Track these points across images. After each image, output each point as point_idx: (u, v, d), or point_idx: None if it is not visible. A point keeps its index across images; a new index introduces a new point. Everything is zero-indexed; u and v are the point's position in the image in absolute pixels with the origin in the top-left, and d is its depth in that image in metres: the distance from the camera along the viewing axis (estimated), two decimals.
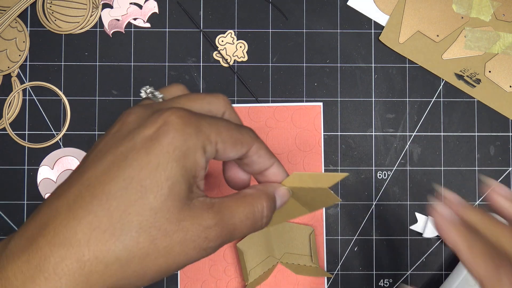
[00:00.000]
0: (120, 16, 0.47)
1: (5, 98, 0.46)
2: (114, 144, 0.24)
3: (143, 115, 0.25)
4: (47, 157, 0.46)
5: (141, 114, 0.25)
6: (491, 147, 0.47)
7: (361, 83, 0.47)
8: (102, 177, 0.22)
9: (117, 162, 0.23)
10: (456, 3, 0.47)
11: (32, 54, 0.47)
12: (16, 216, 0.46)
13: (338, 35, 0.47)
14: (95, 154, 0.24)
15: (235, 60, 0.47)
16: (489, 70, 0.46)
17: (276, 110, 0.46)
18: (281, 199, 0.31)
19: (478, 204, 0.46)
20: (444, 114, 0.47)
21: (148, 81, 0.46)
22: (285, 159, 0.46)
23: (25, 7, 0.46)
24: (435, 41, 0.47)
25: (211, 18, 0.47)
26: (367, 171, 0.46)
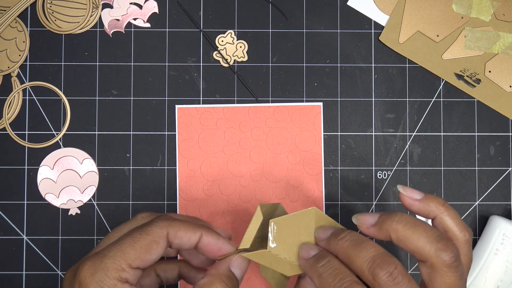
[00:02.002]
0: (120, 16, 0.47)
1: (5, 98, 0.46)
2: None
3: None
4: (47, 157, 0.46)
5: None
6: (491, 147, 0.47)
7: (361, 83, 0.47)
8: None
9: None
10: (456, 3, 0.47)
11: (32, 54, 0.47)
12: (16, 216, 0.46)
13: (338, 35, 0.47)
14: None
15: (235, 60, 0.47)
16: (489, 70, 0.46)
17: (276, 110, 0.46)
18: (239, 269, 0.33)
19: (478, 204, 0.46)
20: (444, 114, 0.47)
21: (148, 81, 0.47)
22: (285, 159, 0.46)
23: (25, 7, 0.46)
24: (435, 41, 0.47)
25: (211, 18, 0.47)
26: (367, 171, 0.46)
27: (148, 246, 0.31)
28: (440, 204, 0.33)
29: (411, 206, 0.33)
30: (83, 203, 0.46)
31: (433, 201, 0.33)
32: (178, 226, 0.32)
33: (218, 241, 0.33)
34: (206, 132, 0.46)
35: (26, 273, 0.46)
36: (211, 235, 0.33)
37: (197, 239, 0.33)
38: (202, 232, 0.33)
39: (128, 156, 0.46)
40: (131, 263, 0.30)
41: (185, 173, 0.46)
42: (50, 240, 0.46)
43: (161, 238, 0.31)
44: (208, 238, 0.33)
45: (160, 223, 0.32)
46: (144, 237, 0.31)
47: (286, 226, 0.32)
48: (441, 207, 0.32)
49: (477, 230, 0.46)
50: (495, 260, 0.43)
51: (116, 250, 0.30)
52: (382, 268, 0.28)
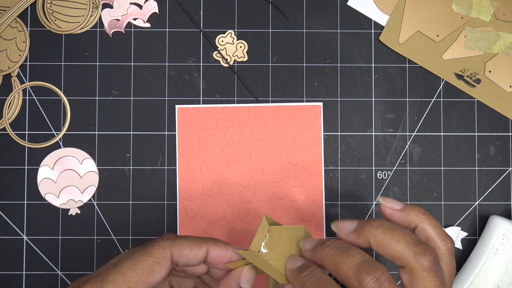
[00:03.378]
0: (120, 16, 0.47)
1: (5, 98, 0.46)
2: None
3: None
4: (47, 157, 0.46)
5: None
6: (491, 147, 0.47)
7: (361, 83, 0.47)
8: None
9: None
10: (456, 3, 0.47)
11: (32, 54, 0.47)
12: (16, 216, 0.46)
13: (338, 35, 0.47)
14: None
15: (235, 60, 0.47)
16: (489, 70, 0.46)
17: (276, 110, 0.46)
18: (249, 285, 0.32)
19: (478, 204, 0.46)
20: (444, 114, 0.47)
21: (148, 81, 0.47)
22: (285, 159, 0.46)
23: (25, 7, 0.46)
24: (435, 41, 0.47)
25: (211, 18, 0.47)
26: (367, 171, 0.46)
27: (150, 268, 0.29)
28: (420, 213, 0.32)
29: (392, 216, 0.33)
30: (83, 203, 0.46)
31: (413, 210, 0.32)
32: (182, 243, 0.31)
33: (228, 251, 0.32)
34: (206, 132, 0.46)
35: (26, 273, 0.46)
36: (218, 247, 0.32)
37: (204, 254, 0.31)
38: (208, 245, 0.31)
39: (128, 156, 0.46)
40: (132, 286, 0.29)
41: (185, 173, 0.46)
42: (50, 240, 0.46)
43: (164, 259, 0.30)
44: (216, 251, 0.31)
45: (162, 243, 0.30)
46: (146, 258, 0.29)
47: (278, 236, 0.32)
48: (422, 216, 0.32)
49: (477, 230, 0.46)
50: (495, 260, 0.43)
51: (116, 273, 0.29)
52: (369, 274, 0.27)
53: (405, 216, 0.32)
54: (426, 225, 0.32)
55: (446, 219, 0.46)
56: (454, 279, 0.44)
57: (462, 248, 0.46)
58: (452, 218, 0.46)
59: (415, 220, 0.32)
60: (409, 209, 0.33)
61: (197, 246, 0.31)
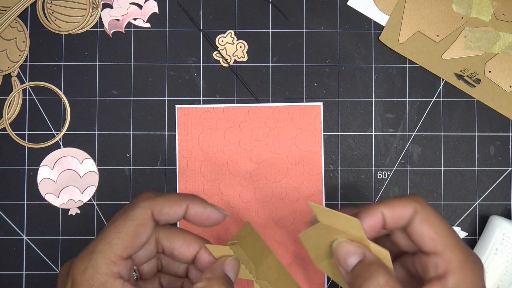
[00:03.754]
0: (120, 16, 0.47)
1: (5, 98, 0.46)
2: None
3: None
4: (47, 157, 0.46)
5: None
6: (491, 147, 0.47)
7: (361, 83, 0.47)
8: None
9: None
10: (456, 3, 0.47)
11: (32, 54, 0.47)
12: (16, 216, 0.46)
13: (338, 35, 0.47)
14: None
15: (235, 60, 0.47)
16: (489, 70, 0.46)
17: (276, 110, 0.46)
18: (233, 272, 0.32)
19: (478, 204, 0.46)
20: (444, 114, 0.47)
21: (148, 81, 0.47)
22: (285, 159, 0.46)
23: (25, 7, 0.46)
24: (435, 41, 0.47)
25: (211, 18, 0.47)
26: (367, 171, 0.46)
27: (135, 232, 0.29)
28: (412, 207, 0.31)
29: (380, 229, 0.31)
30: (83, 203, 0.46)
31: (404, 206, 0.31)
32: (162, 202, 0.31)
33: (206, 210, 0.32)
34: (206, 132, 0.46)
35: (26, 273, 0.46)
36: (197, 204, 0.31)
37: (183, 211, 0.31)
38: (187, 203, 0.31)
39: (128, 156, 0.46)
40: (121, 255, 0.29)
41: (185, 173, 0.46)
42: (50, 240, 0.46)
43: (146, 220, 0.30)
44: (194, 208, 0.31)
45: (142, 204, 0.30)
46: (129, 223, 0.29)
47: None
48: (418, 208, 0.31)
49: (477, 230, 0.46)
50: (495, 260, 0.43)
51: (103, 243, 0.29)
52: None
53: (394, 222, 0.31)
54: (419, 222, 0.30)
55: (446, 219, 0.46)
56: None
57: None
58: (452, 218, 0.46)
59: (406, 217, 0.31)
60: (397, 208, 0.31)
61: (177, 203, 0.31)
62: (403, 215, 0.30)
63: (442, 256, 0.29)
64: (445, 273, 0.28)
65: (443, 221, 0.30)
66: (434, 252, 0.29)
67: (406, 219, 0.30)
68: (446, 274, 0.28)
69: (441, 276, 0.29)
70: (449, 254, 0.29)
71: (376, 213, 0.30)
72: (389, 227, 0.31)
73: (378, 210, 0.30)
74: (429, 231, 0.30)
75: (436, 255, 0.29)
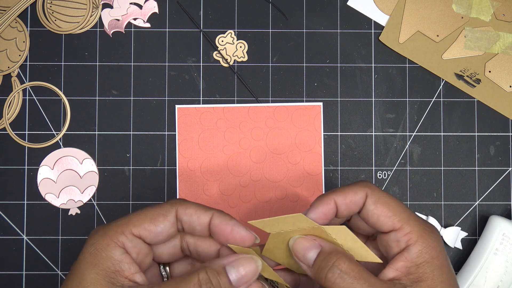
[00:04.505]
0: (120, 16, 0.47)
1: (5, 98, 0.46)
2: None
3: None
4: (47, 157, 0.46)
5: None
6: (491, 147, 0.47)
7: (361, 83, 0.47)
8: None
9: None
10: (456, 3, 0.47)
11: (32, 54, 0.47)
12: (16, 216, 0.46)
13: (338, 35, 0.47)
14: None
15: (235, 60, 0.47)
16: (489, 70, 0.46)
17: (276, 110, 0.46)
18: (236, 274, 0.30)
19: (478, 204, 0.46)
20: (444, 114, 0.47)
21: (148, 81, 0.47)
22: (285, 159, 0.46)
23: (25, 7, 0.46)
24: (435, 41, 0.47)
25: (211, 18, 0.47)
26: (367, 171, 0.46)
27: (154, 217, 0.30)
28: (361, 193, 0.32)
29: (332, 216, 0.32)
30: (83, 203, 0.46)
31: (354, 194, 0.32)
32: (189, 205, 0.31)
33: (230, 221, 0.31)
34: (206, 132, 0.46)
35: (26, 273, 0.46)
36: (223, 216, 0.31)
37: (207, 218, 0.31)
38: (213, 212, 0.31)
39: (128, 156, 0.46)
40: (132, 229, 0.29)
41: (185, 173, 0.46)
42: (50, 240, 0.46)
43: (169, 212, 0.31)
44: (219, 218, 0.31)
45: (172, 201, 0.31)
46: (153, 209, 0.31)
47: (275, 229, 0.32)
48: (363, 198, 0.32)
49: (477, 230, 0.46)
50: (495, 260, 0.43)
51: (123, 219, 0.30)
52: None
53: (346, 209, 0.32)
54: (371, 207, 0.31)
55: (446, 219, 0.46)
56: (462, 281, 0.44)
57: (462, 248, 0.46)
58: (452, 218, 0.46)
59: (358, 202, 0.31)
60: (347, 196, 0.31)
61: (203, 210, 0.31)
62: (355, 201, 0.31)
63: (401, 231, 0.30)
64: (407, 246, 0.30)
65: (394, 199, 0.31)
66: (393, 229, 0.30)
67: (359, 204, 0.31)
68: (408, 246, 0.30)
69: (404, 249, 0.30)
70: (407, 228, 0.30)
71: (329, 201, 0.31)
72: (344, 214, 0.32)
73: (330, 198, 0.31)
74: (384, 210, 0.30)
75: (395, 232, 0.30)
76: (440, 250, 0.30)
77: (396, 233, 0.30)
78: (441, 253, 0.30)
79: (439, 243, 0.30)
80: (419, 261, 0.29)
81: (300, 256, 0.31)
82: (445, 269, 0.29)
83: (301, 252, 0.31)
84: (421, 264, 0.29)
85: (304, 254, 0.30)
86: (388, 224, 0.30)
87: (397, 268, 0.29)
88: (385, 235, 0.31)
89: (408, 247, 0.30)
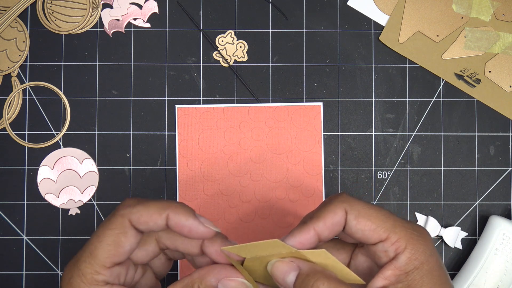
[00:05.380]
0: (120, 16, 0.47)
1: (5, 98, 0.46)
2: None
3: None
4: (47, 157, 0.46)
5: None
6: (491, 147, 0.47)
7: (361, 83, 0.47)
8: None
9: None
10: (456, 3, 0.47)
11: (32, 54, 0.47)
12: (16, 216, 0.46)
13: (338, 35, 0.47)
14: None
15: (235, 60, 0.47)
16: (489, 70, 0.46)
17: (276, 110, 0.46)
18: (218, 280, 0.30)
19: (478, 204, 0.46)
20: (444, 114, 0.47)
21: (148, 81, 0.47)
22: (285, 159, 0.46)
23: (25, 7, 0.46)
24: (435, 41, 0.47)
25: (211, 18, 0.47)
26: (367, 171, 0.46)
27: (116, 242, 0.29)
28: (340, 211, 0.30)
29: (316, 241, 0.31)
30: (83, 203, 0.46)
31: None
32: (140, 211, 0.29)
33: (187, 222, 0.29)
34: (206, 132, 0.46)
35: (26, 273, 0.46)
36: (179, 215, 0.30)
37: (164, 221, 0.30)
38: (168, 212, 0.30)
39: (128, 156, 0.46)
40: (104, 264, 0.29)
41: (185, 173, 0.46)
42: (50, 240, 0.46)
43: (126, 228, 0.29)
44: (174, 220, 0.29)
45: (121, 212, 0.30)
46: (109, 233, 0.29)
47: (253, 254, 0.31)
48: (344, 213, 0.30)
49: (477, 230, 0.46)
50: (495, 260, 0.43)
51: (86, 255, 0.29)
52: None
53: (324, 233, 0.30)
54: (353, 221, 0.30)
55: (446, 219, 0.46)
56: (454, 279, 0.44)
57: (462, 248, 0.46)
58: (452, 218, 0.46)
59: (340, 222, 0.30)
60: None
61: (157, 212, 0.30)
62: (336, 222, 0.30)
63: (388, 241, 0.29)
64: (396, 255, 0.29)
65: (376, 209, 0.30)
66: (380, 240, 0.29)
67: (341, 223, 0.30)
68: (397, 255, 0.29)
69: (392, 259, 0.29)
70: (394, 237, 0.29)
71: (308, 231, 0.30)
72: (329, 237, 0.31)
73: (309, 228, 0.30)
74: (367, 224, 0.30)
75: (383, 242, 0.29)
76: (430, 253, 0.29)
77: (383, 243, 0.29)
78: (432, 256, 0.29)
79: (428, 246, 0.29)
80: (408, 269, 0.29)
81: (280, 280, 0.30)
82: (436, 272, 0.29)
83: (280, 276, 0.30)
84: (410, 271, 0.28)
85: (283, 278, 0.29)
86: (374, 237, 0.29)
87: (386, 277, 0.29)
88: (373, 246, 0.30)
89: (397, 255, 0.29)
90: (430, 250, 0.29)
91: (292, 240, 0.30)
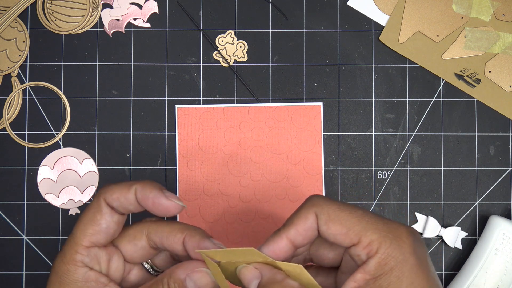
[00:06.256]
0: (120, 16, 0.47)
1: (5, 98, 0.46)
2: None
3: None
4: (47, 157, 0.46)
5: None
6: (491, 147, 0.47)
7: (361, 83, 0.47)
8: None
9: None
10: (456, 3, 0.47)
11: (32, 54, 0.47)
12: (16, 216, 0.46)
13: (338, 35, 0.47)
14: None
15: (235, 60, 0.47)
16: (489, 70, 0.46)
17: (276, 110, 0.46)
18: (196, 284, 0.30)
19: (478, 204, 0.46)
20: (444, 114, 0.47)
21: (148, 81, 0.47)
22: (285, 159, 0.46)
23: (25, 7, 0.46)
24: (435, 41, 0.47)
25: (211, 18, 0.47)
26: (367, 171, 0.46)
27: (91, 219, 0.30)
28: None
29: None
30: (83, 203, 0.46)
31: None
32: (113, 189, 0.31)
33: (151, 194, 0.31)
34: (206, 132, 0.46)
35: (26, 273, 0.46)
36: (144, 190, 0.31)
37: (133, 195, 0.31)
38: (136, 187, 0.31)
39: (128, 156, 0.46)
40: (82, 243, 0.30)
41: (185, 173, 0.46)
42: (50, 240, 0.46)
43: (100, 206, 0.31)
44: (141, 193, 0.31)
45: (97, 193, 0.32)
46: (85, 213, 0.31)
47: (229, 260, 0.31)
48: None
49: (477, 230, 0.46)
50: (495, 260, 0.43)
51: (70, 236, 0.31)
52: None
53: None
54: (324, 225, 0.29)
55: (446, 219, 0.46)
56: (454, 279, 0.44)
57: (462, 248, 0.46)
58: (452, 218, 0.46)
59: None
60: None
61: (126, 188, 0.31)
62: (308, 227, 0.29)
63: (359, 245, 0.28)
64: (367, 259, 0.28)
65: (348, 210, 0.29)
66: (352, 244, 0.28)
67: (314, 228, 0.29)
68: (368, 260, 0.28)
69: (364, 262, 0.28)
70: (365, 240, 0.28)
71: (279, 239, 0.29)
72: (305, 243, 0.30)
73: (280, 236, 0.29)
74: (337, 228, 0.28)
75: (355, 246, 0.28)
76: (411, 252, 0.28)
77: (355, 247, 0.28)
78: (412, 255, 0.27)
79: (405, 246, 0.28)
80: (377, 273, 0.27)
81: (246, 286, 0.30)
82: (414, 274, 0.27)
83: (245, 283, 0.29)
84: (379, 276, 0.27)
85: (248, 285, 0.29)
86: (346, 241, 0.28)
87: (356, 279, 0.28)
88: (348, 249, 0.29)
89: (368, 260, 0.28)
90: (409, 250, 0.27)
91: (266, 249, 0.30)
